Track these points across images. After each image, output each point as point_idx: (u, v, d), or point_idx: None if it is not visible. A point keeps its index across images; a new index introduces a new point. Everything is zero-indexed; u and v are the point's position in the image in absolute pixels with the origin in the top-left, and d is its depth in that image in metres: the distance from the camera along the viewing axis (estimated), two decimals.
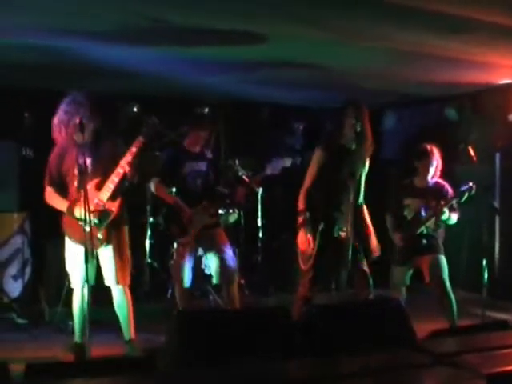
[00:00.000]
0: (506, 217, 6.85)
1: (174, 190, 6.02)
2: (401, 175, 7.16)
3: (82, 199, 4.85)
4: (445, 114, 8.09)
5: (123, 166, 4.92)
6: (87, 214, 4.61)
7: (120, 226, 5.17)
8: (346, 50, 6.15)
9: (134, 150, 4.92)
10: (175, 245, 5.95)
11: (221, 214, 6.30)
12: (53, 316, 6.29)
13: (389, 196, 6.45)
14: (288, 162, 5.93)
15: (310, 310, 3.86)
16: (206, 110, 7.67)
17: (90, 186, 4.89)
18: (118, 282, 5.16)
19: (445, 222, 5.94)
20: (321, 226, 5.28)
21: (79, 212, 4.90)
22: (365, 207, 5.52)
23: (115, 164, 4.96)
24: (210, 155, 6.14)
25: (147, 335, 5.78)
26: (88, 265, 4.74)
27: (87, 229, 4.85)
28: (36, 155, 7.33)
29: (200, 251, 6.04)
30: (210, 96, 7.91)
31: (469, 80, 7.25)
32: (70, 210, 5.00)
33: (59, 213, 5.13)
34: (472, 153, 5.96)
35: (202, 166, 6.02)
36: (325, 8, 4.86)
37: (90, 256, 4.60)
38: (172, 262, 6.06)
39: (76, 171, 4.88)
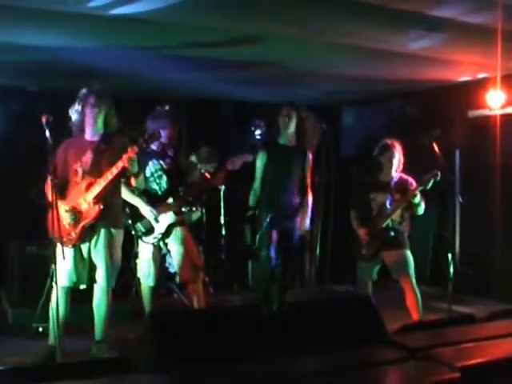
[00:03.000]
0: (465, 212, 6.94)
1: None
2: (362, 172, 7.26)
3: (69, 195, 5.08)
4: (405, 110, 8.18)
5: (113, 172, 4.96)
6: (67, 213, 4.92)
7: (113, 228, 5.19)
8: (308, 47, 6.17)
9: (125, 158, 4.93)
10: (141, 243, 5.89)
11: (183, 212, 6.26)
12: (16, 317, 6.18)
13: (351, 192, 6.48)
14: (249, 158, 5.93)
15: (281, 308, 3.87)
16: (167, 107, 7.60)
17: (84, 184, 5.00)
18: (105, 284, 5.19)
19: (416, 206, 5.96)
20: (267, 219, 5.78)
21: (61, 207, 4.98)
22: (310, 197, 6.07)
23: (109, 167, 5.01)
24: (172, 153, 6.09)
25: (113, 334, 5.72)
26: (74, 265, 5.05)
27: (66, 226, 5.01)
28: None
29: (164, 250, 5.99)
30: (171, 93, 7.85)
31: (429, 77, 7.34)
32: (52, 202, 4.91)
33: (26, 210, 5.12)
34: (436, 148, 6.02)
35: (166, 164, 5.97)
36: (289, 5, 4.88)
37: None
38: (137, 260, 5.99)
39: (77, 167, 5.01)
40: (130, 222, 5.88)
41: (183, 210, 6.07)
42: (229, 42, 5.78)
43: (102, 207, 5.02)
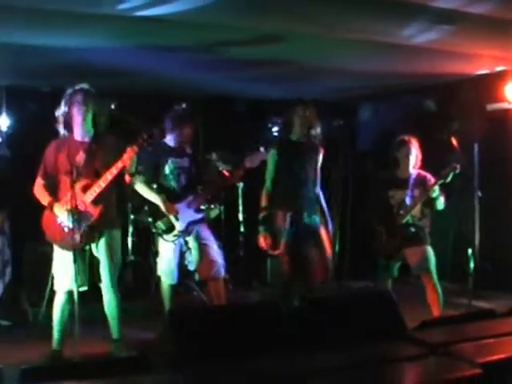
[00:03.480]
0: (484, 207, 6.88)
1: (155, 186, 5.97)
2: (379, 167, 7.24)
3: (63, 197, 4.95)
4: (423, 105, 8.13)
5: (113, 173, 4.89)
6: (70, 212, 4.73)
7: (112, 230, 5.14)
8: (323, 43, 6.16)
9: (126, 158, 4.88)
10: (161, 241, 5.90)
11: (202, 210, 6.25)
12: (36, 316, 6.21)
13: (369, 190, 6.50)
14: (265, 156, 5.92)
15: (301, 303, 3.87)
16: (184, 105, 7.61)
17: (79, 185, 4.87)
18: (111, 285, 5.14)
19: (434, 199, 5.90)
20: (288, 216, 5.65)
21: (58, 209, 4.94)
22: (321, 196, 5.92)
23: (106, 168, 4.93)
24: (190, 151, 6.10)
25: (132, 333, 5.75)
26: (77, 268, 4.79)
27: (65, 229, 4.92)
28: (12, 155, 7.27)
29: (184, 247, 6.00)
30: (188, 92, 7.86)
31: (447, 71, 7.29)
32: (50, 205, 4.98)
33: (40, 211, 5.08)
34: (455, 142, 6.00)
35: (185, 162, 5.98)
36: (301, 2, 4.87)
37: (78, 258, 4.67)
38: (158, 258, 6.00)
39: (70, 168, 4.87)
40: (150, 220, 5.90)
41: (202, 207, 6.06)
42: (245, 40, 5.79)
43: (103, 208, 4.95)
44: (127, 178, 5.12)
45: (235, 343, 3.23)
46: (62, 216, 4.93)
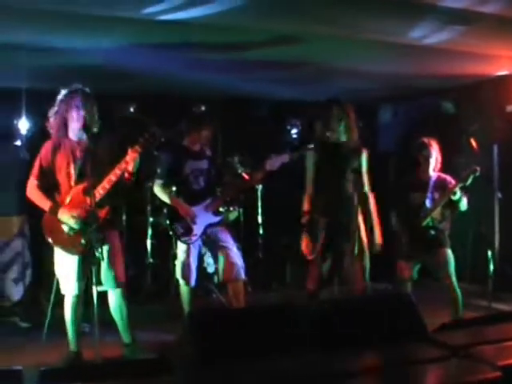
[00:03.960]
0: (504, 208, 6.85)
1: (174, 189, 5.99)
2: (400, 169, 7.23)
3: (69, 201, 4.88)
4: (442, 107, 8.10)
5: (116, 174, 4.82)
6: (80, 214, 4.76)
7: (114, 230, 5.11)
8: (343, 45, 6.15)
9: (129, 158, 4.81)
10: (179, 244, 5.92)
11: (221, 212, 6.26)
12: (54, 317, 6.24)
13: (391, 192, 6.49)
14: (286, 158, 5.89)
15: (321, 305, 3.87)
16: (203, 107, 7.65)
17: (80, 187, 4.83)
18: (116, 286, 5.08)
19: (456, 203, 5.86)
20: (324, 223, 5.42)
21: (63, 214, 4.85)
22: (371, 196, 5.56)
23: (109, 168, 4.87)
24: (209, 153, 6.11)
25: (152, 335, 5.77)
26: (83, 271, 4.84)
27: (71, 233, 4.85)
28: (31, 157, 7.32)
29: (203, 250, 6.01)
30: (206, 94, 7.89)
31: (466, 72, 7.26)
32: (54, 210, 4.87)
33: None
34: (474, 144, 5.99)
35: (204, 164, 5.99)
36: (320, 3, 4.87)
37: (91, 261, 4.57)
38: (176, 261, 6.01)
39: (70, 169, 4.84)
40: (167, 222, 5.91)
41: (220, 210, 6.06)
42: (264, 42, 5.79)
43: (108, 209, 4.90)
44: (126, 175, 4.93)
45: (254, 345, 3.23)
46: (67, 220, 4.84)
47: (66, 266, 4.96)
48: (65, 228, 4.87)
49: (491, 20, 5.24)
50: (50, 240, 4.94)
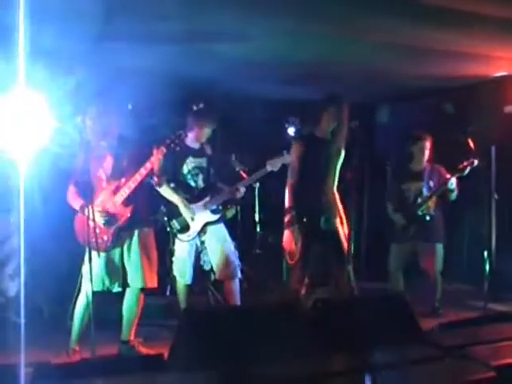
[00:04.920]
0: (501, 209, 6.86)
1: (173, 185, 5.98)
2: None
3: (96, 200, 5.04)
4: (440, 107, 8.12)
5: (142, 173, 4.98)
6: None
7: (143, 229, 5.22)
8: (343, 44, 6.15)
9: (154, 159, 4.98)
10: (177, 241, 5.92)
11: (219, 210, 6.26)
12: (52, 315, 6.24)
13: (388, 184, 6.89)
14: (287, 159, 5.89)
15: (315, 305, 3.86)
16: (202, 105, 7.63)
17: (109, 188, 5.04)
18: (144, 284, 5.20)
19: (450, 192, 6.25)
20: (304, 220, 5.47)
21: (90, 212, 4.90)
22: (337, 195, 5.64)
23: (134, 168, 5.02)
24: (209, 151, 6.11)
25: (147, 332, 5.77)
26: (106, 269, 5.01)
27: (97, 230, 4.96)
28: None
29: (200, 247, 6.01)
30: (206, 92, 7.87)
31: (465, 73, 7.27)
32: (82, 208, 4.98)
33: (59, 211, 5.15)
34: (472, 145, 6.12)
35: (203, 161, 6.01)
36: (327, 2, 4.88)
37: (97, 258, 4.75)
38: (173, 258, 6.02)
39: (100, 174, 5.02)
40: (166, 219, 5.93)
41: (219, 208, 6.07)
42: (264, 40, 5.78)
43: (133, 208, 5.04)
44: (155, 179, 5.22)
45: (250, 344, 3.23)
46: (94, 218, 4.90)
47: (89, 263, 4.98)
48: (92, 225, 4.91)
49: (490, 21, 5.24)
50: (78, 238, 5.10)
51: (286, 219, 5.54)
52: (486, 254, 6.19)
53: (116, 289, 5.16)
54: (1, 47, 3.66)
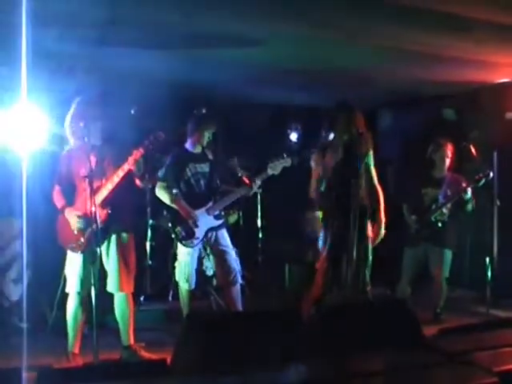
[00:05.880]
0: (503, 215, 6.86)
1: (175, 191, 6.00)
2: (399, 174, 7.39)
3: (77, 201, 5.05)
4: (442, 113, 8.14)
5: (119, 175, 4.92)
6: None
7: (121, 233, 5.16)
8: (344, 49, 6.16)
9: (132, 160, 4.88)
10: (180, 247, 5.93)
11: (222, 215, 6.27)
12: (56, 319, 6.25)
13: (406, 186, 6.96)
14: (288, 162, 5.93)
15: (319, 310, 3.88)
16: (204, 110, 7.64)
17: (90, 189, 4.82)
18: (119, 290, 5.17)
19: (466, 202, 6.34)
20: (334, 225, 5.42)
21: (69, 213, 5.05)
22: (378, 188, 5.59)
23: (114, 169, 4.97)
24: (211, 156, 6.12)
25: (150, 337, 5.78)
26: (85, 270, 4.89)
27: (75, 232, 5.01)
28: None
29: (202, 253, 6.03)
30: (206, 96, 7.88)
31: (467, 79, 7.28)
32: (63, 209, 5.09)
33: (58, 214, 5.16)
34: (473, 151, 6.16)
35: (205, 167, 6.01)
36: (329, 8, 4.89)
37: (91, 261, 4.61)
38: (177, 263, 6.03)
39: (83, 173, 4.87)
40: (169, 225, 5.93)
41: (222, 213, 6.08)
42: (269, 44, 5.79)
43: (110, 211, 4.98)
44: (137, 181, 5.08)
45: (253, 349, 3.24)
46: (72, 219, 5.02)
47: (71, 264, 5.11)
48: (71, 227, 5.03)
49: (492, 28, 5.26)
50: (58, 239, 5.14)
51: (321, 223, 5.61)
52: (488, 260, 6.22)
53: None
54: None
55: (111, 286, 5.16)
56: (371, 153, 5.58)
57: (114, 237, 5.12)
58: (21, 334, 6.14)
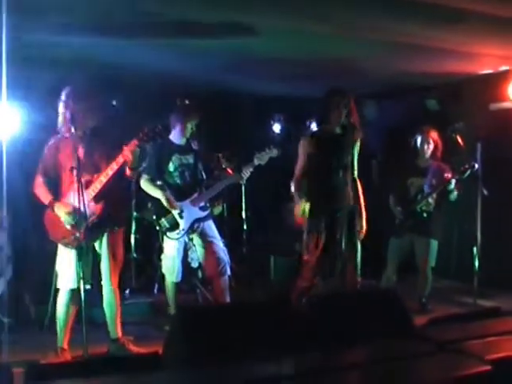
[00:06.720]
0: (487, 205, 6.89)
1: (159, 183, 5.96)
2: (383, 166, 7.41)
3: (65, 195, 4.93)
4: (426, 104, 8.16)
5: (113, 168, 4.81)
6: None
7: (114, 228, 5.11)
8: (328, 40, 6.13)
9: (126, 153, 4.78)
10: (166, 239, 5.90)
11: (207, 207, 6.23)
12: (39, 314, 6.19)
13: (391, 177, 7.01)
14: (275, 152, 5.90)
15: (309, 301, 3.88)
16: (187, 101, 7.60)
17: (82, 182, 4.69)
18: (110, 283, 5.14)
19: (449, 193, 6.39)
20: (324, 217, 5.39)
21: (59, 207, 4.91)
22: (358, 182, 5.60)
23: (107, 162, 4.88)
24: (195, 147, 6.08)
25: (136, 331, 5.74)
26: (80, 264, 4.71)
27: (68, 227, 4.90)
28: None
29: (188, 245, 5.99)
30: (191, 87, 7.84)
31: (450, 70, 7.28)
32: (52, 204, 4.94)
33: (43, 207, 5.05)
34: (460, 141, 6.18)
35: (189, 158, 5.98)
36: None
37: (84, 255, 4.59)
38: (162, 256, 6.00)
39: (71, 165, 4.77)
40: (154, 217, 5.90)
41: (207, 204, 6.05)
42: (258, 36, 5.76)
43: (105, 205, 4.90)
44: (128, 171, 4.96)
45: (244, 342, 3.23)
46: (63, 214, 4.89)
47: (64, 260, 5.02)
48: (62, 222, 4.91)
49: (477, 18, 5.26)
50: (49, 234, 5.03)
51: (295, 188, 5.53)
52: (474, 250, 6.25)
53: (86, 286, 4.83)
54: None
55: (103, 279, 5.14)
56: (358, 144, 5.55)
57: (107, 232, 5.06)
58: (5, 330, 6.12)
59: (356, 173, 5.59)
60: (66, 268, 4.99)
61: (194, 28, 5.54)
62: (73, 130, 4.84)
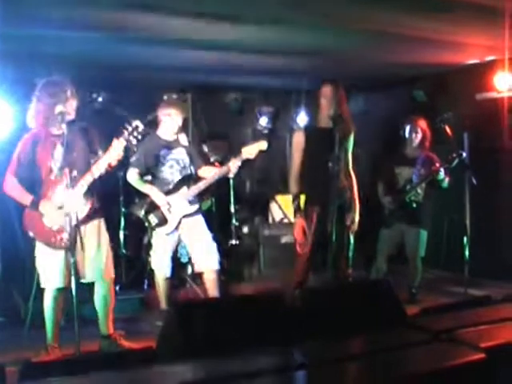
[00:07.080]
0: (475, 194, 6.92)
1: (149, 178, 5.94)
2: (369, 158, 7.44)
3: (49, 194, 4.81)
4: (412, 95, 8.17)
5: (100, 168, 4.73)
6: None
7: (98, 221, 5.05)
8: (314, 32, 6.12)
9: (113, 152, 4.70)
10: (155, 234, 5.88)
11: (195, 201, 6.21)
12: (28, 312, 6.16)
13: (380, 167, 7.01)
14: (264, 145, 5.84)
15: (302, 293, 3.87)
16: (175, 96, 7.59)
17: (63, 181, 4.62)
18: (103, 276, 5.06)
19: (440, 182, 6.39)
20: (317, 210, 5.28)
21: (44, 207, 4.81)
22: (353, 175, 5.47)
23: (88, 158, 4.83)
24: (183, 141, 6.06)
25: (126, 327, 5.72)
26: (66, 264, 4.72)
27: (54, 227, 4.81)
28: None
29: (177, 240, 5.97)
30: (178, 81, 7.81)
31: (437, 60, 7.29)
32: (35, 204, 4.81)
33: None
34: (449, 131, 6.21)
35: (177, 153, 5.95)
36: None
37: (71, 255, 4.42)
38: (152, 252, 5.98)
39: (51, 164, 4.75)
40: (143, 213, 5.87)
41: (195, 199, 6.03)
42: (237, 29, 5.73)
43: (93, 203, 4.86)
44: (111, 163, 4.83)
45: (238, 335, 3.22)
46: (50, 215, 4.81)
47: (48, 260, 4.91)
48: (46, 221, 4.81)
49: (463, 8, 5.26)
50: (31, 235, 4.90)
51: (296, 208, 5.33)
52: (465, 239, 6.28)
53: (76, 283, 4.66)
54: None
55: (94, 274, 5.02)
56: (351, 137, 5.45)
57: (94, 225, 4.99)
58: None
59: (350, 166, 5.49)
60: (52, 267, 4.89)
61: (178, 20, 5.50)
62: (48, 127, 4.76)
